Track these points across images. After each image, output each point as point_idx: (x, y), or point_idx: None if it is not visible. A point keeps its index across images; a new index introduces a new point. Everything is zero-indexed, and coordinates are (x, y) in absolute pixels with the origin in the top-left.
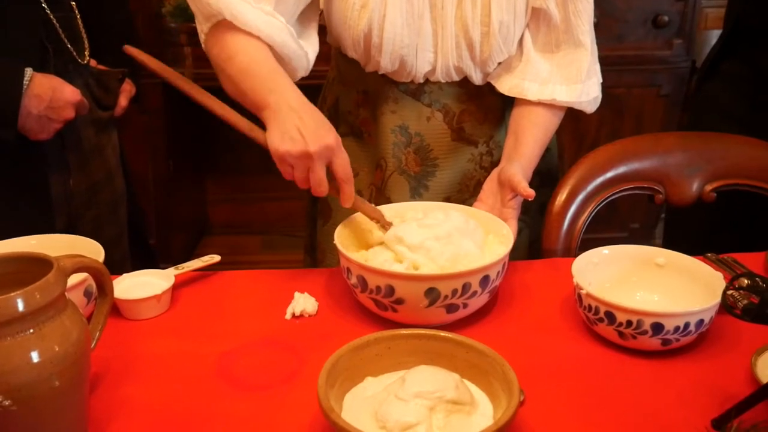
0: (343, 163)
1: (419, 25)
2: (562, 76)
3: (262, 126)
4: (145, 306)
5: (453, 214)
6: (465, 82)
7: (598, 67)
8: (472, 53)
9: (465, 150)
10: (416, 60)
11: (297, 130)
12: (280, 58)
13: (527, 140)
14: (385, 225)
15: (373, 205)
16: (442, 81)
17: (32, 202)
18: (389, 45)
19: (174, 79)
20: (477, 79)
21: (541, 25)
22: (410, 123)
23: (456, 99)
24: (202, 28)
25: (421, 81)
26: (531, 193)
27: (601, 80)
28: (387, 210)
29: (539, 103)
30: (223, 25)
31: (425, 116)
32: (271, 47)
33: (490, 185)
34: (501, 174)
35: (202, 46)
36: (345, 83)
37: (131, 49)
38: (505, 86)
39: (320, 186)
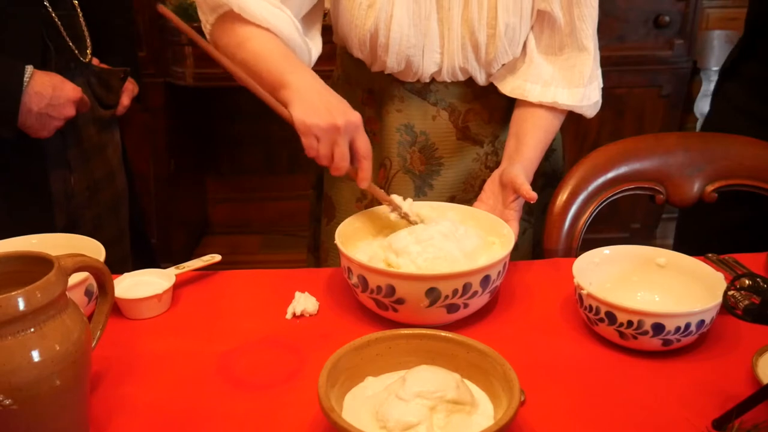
0: (365, 139)
1: (426, 26)
2: (564, 79)
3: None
4: (146, 305)
5: (443, 221)
6: (470, 81)
7: (599, 71)
8: (477, 55)
9: (470, 149)
10: (423, 60)
11: (322, 104)
12: None
13: (529, 142)
14: (396, 209)
15: (383, 191)
16: (448, 81)
17: (33, 200)
18: (396, 45)
19: (205, 45)
20: (481, 79)
21: (545, 28)
22: (415, 122)
23: (462, 98)
24: (207, 19)
25: (427, 81)
26: (533, 195)
27: (602, 85)
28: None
29: (541, 106)
30: (229, 17)
31: (431, 115)
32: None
33: (491, 186)
34: (503, 175)
35: (207, 37)
36: (350, 82)
37: (163, 9)
38: (508, 87)
39: (343, 160)
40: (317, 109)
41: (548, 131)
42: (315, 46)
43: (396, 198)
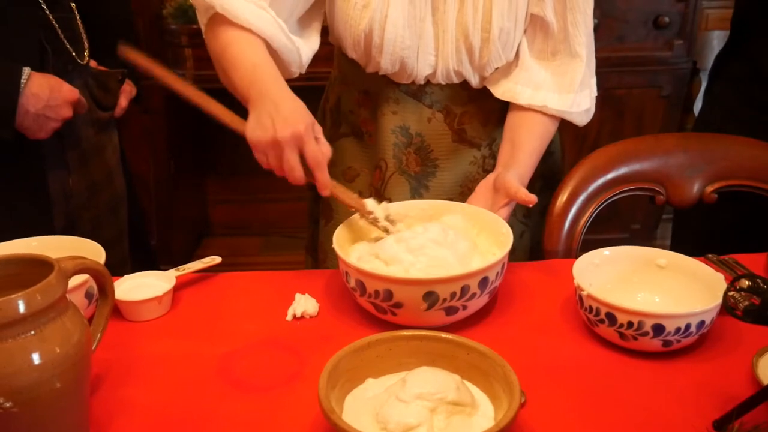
0: (313, 150)
1: (421, 28)
2: (555, 84)
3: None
4: (146, 307)
5: (431, 227)
6: (465, 84)
7: (594, 81)
8: (471, 58)
9: (466, 152)
10: (417, 62)
11: (269, 118)
12: (272, 52)
13: (524, 149)
14: (365, 214)
15: (354, 195)
16: (443, 83)
17: (31, 201)
18: (390, 46)
19: (166, 77)
20: (475, 82)
21: (538, 32)
22: (411, 123)
23: (457, 100)
24: (201, 20)
25: (422, 83)
26: (533, 198)
27: (595, 94)
28: (391, 209)
29: (533, 110)
30: (218, 19)
31: (426, 117)
32: (264, 41)
33: (483, 188)
34: (497, 180)
35: (204, 37)
36: (346, 83)
37: (125, 50)
38: (499, 90)
39: (293, 172)
40: (263, 124)
41: (543, 137)
42: (309, 45)
43: (369, 202)
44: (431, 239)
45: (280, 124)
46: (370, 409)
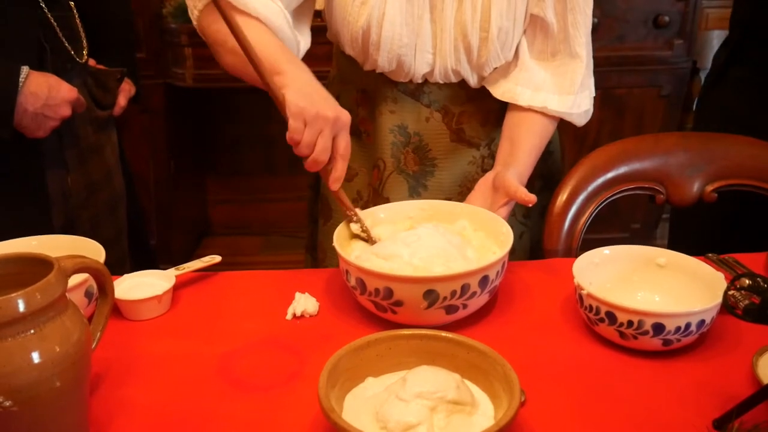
0: (348, 140)
1: (419, 26)
2: (555, 85)
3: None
4: (146, 306)
5: (420, 227)
6: (463, 83)
7: (592, 81)
8: (469, 57)
9: (465, 152)
10: (414, 61)
11: (317, 94)
12: None
13: (524, 147)
14: (360, 221)
15: (351, 204)
16: (441, 82)
17: (30, 200)
18: (387, 43)
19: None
20: (473, 82)
21: (538, 33)
22: (409, 123)
23: (455, 100)
24: (195, 5)
25: (420, 81)
26: (532, 198)
27: (594, 95)
28: (390, 209)
29: (533, 111)
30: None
31: (424, 116)
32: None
33: (482, 187)
34: (496, 179)
35: (194, 23)
36: (345, 82)
37: None
38: (499, 90)
39: (324, 152)
40: (311, 96)
41: (543, 136)
42: (303, 41)
43: (360, 213)
44: (426, 233)
45: (328, 103)
46: (370, 408)
